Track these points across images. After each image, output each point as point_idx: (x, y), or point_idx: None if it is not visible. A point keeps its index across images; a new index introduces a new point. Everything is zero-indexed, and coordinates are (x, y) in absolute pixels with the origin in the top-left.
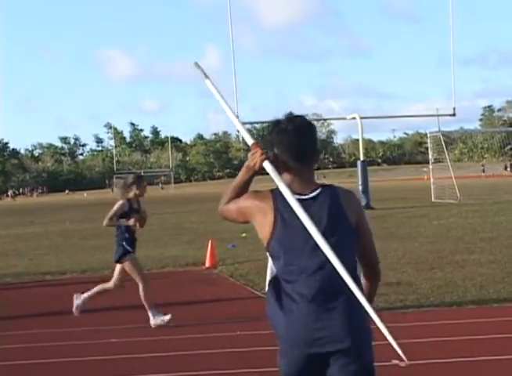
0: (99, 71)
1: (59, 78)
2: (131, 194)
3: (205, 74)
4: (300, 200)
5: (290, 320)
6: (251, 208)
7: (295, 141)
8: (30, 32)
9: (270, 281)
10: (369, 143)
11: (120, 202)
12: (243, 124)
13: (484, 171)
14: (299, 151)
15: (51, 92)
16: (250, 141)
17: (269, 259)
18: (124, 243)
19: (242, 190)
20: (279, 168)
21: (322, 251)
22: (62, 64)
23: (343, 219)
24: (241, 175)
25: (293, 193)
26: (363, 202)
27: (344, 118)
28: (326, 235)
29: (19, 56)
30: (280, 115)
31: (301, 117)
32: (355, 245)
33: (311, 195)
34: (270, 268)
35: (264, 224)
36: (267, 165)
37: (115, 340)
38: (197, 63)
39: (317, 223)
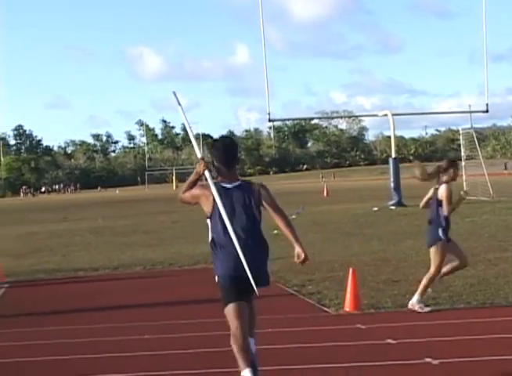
0: (130, 69)
1: (90, 76)
2: (445, 178)
3: (178, 102)
4: (227, 189)
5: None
6: (200, 194)
7: (224, 155)
8: (62, 30)
9: (211, 239)
10: (400, 140)
11: (445, 186)
12: (274, 121)
13: (506, 168)
14: (227, 161)
15: (83, 90)
16: (199, 155)
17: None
18: (441, 230)
19: (192, 185)
20: (217, 170)
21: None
22: (93, 62)
23: (250, 198)
24: (192, 177)
25: (224, 185)
26: (395, 199)
27: (375, 115)
28: (240, 207)
29: (51, 54)
30: (311, 113)
31: (228, 138)
32: (257, 213)
33: (234, 185)
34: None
35: (207, 203)
36: (206, 172)
37: (148, 336)
38: (174, 92)
39: (237, 201)
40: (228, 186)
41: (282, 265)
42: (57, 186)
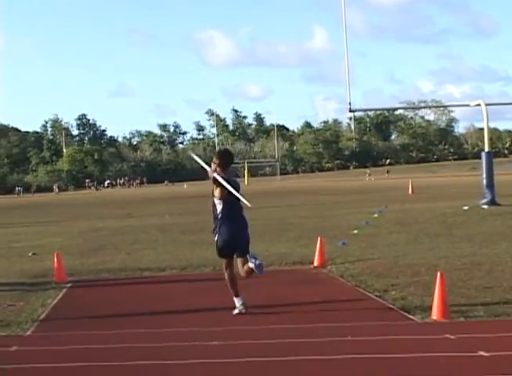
0: (198, 54)
1: (155, 62)
2: None
3: (197, 161)
4: (228, 180)
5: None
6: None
7: (231, 160)
8: (125, 13)
9: (222, 213)
10: (494, 133)
11: None
12: (355, 111)
13: None
14: (230, 163)
15: (148, 77)
16: (207, 167)
17: (219, 203)
18: None
19: None
20: (222, 169)
21: (237, 197)
22: (159, 47)
23: (239, 186)
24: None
25: (227, 177)
26: (488, 198)
27: (467, 105)
28: (236, 192)
29: (114, 39)
30: (395, 102)
31: (228, 149)
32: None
33: (232, 178)
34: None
35: (221, 190)
36: (216, 174)
37: (216, 342)
38: (190, 153)
39: (234, 188)
40: (229, 178)
41: (362, 267)
42: (122, 180)
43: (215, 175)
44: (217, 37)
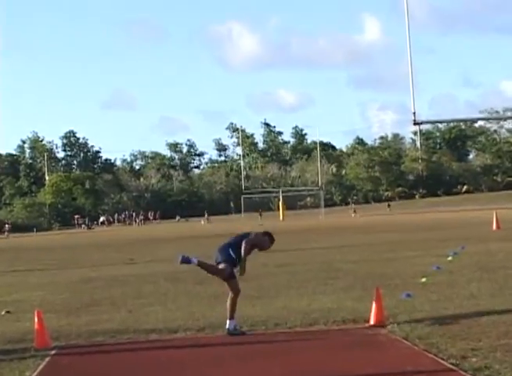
0: (214, 53)
1: (162, 63)
2: None
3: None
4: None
5: None
6: None
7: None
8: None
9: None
10: None
11: None
12: (421, 123)
13: None
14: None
15: (152, 83)
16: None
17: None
18: None
19: None
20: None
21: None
22: (165, 44)
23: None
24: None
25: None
26: None
27: None
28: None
29: (108, 34)
30: (473, 111)
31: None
32: None
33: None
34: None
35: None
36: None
37: None
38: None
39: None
40: None
41: (433, 327)
42: (121, 215)
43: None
44: (238, 30)
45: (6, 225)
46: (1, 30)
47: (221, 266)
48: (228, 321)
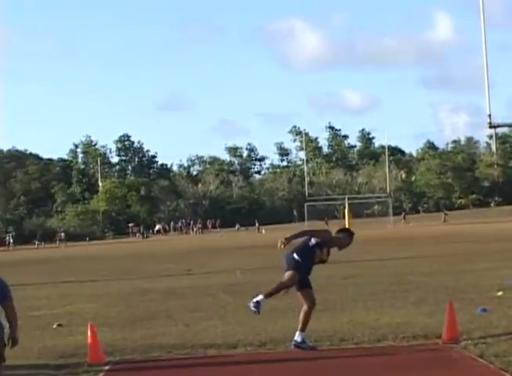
0: (275, 52)
1: (220, 63)
2: None
3: None
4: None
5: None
6: None
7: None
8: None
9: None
10: None
11: None
12: (497, 126)
13: None
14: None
15: (210, 83)
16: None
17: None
18: None
19: None
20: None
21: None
22: (223, 43)
23: None
24: None
25: None
26: None
27: None
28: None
29: (164, 34)
30: None
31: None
32: None
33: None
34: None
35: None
36: None
37: None
38: None
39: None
40: None
41: (511, 344)
42: (178, 224)
43: None
44: (300, 28)
45: (62, 234)
46: (54, 33)
47: (286, 275)
48: (297, 332)
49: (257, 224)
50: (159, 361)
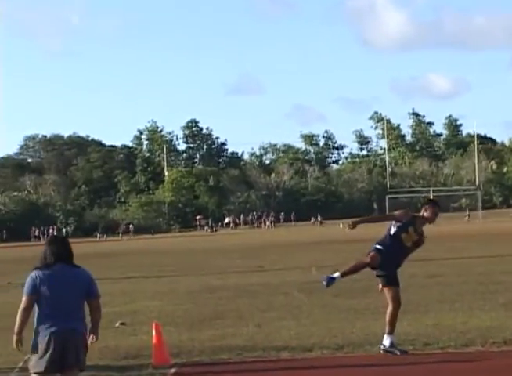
0: (355, 31)
1: (294, 44)
2: None
3: None
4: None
5: None
6: None
7: None
8: None
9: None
10: None
11: None
12: None
13: None
14: None
15: (283, 66)
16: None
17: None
18: None
19: None
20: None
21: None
22: (298, 22)
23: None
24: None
25: None
26: None
27: None
28: None
29: (232, 13)
30: None
31: None
32: None
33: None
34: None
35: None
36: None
37: None
38: None
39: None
40: None
41: None
42: (249, 216)
43: None
44: (382, 5)
45: (131, 226)
46: (119, 15)
47: (368, 255)
48: (385, 336)
49: (319, 217)
50: (228, 364)
